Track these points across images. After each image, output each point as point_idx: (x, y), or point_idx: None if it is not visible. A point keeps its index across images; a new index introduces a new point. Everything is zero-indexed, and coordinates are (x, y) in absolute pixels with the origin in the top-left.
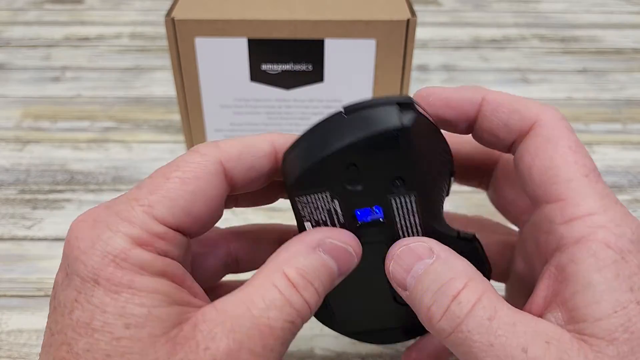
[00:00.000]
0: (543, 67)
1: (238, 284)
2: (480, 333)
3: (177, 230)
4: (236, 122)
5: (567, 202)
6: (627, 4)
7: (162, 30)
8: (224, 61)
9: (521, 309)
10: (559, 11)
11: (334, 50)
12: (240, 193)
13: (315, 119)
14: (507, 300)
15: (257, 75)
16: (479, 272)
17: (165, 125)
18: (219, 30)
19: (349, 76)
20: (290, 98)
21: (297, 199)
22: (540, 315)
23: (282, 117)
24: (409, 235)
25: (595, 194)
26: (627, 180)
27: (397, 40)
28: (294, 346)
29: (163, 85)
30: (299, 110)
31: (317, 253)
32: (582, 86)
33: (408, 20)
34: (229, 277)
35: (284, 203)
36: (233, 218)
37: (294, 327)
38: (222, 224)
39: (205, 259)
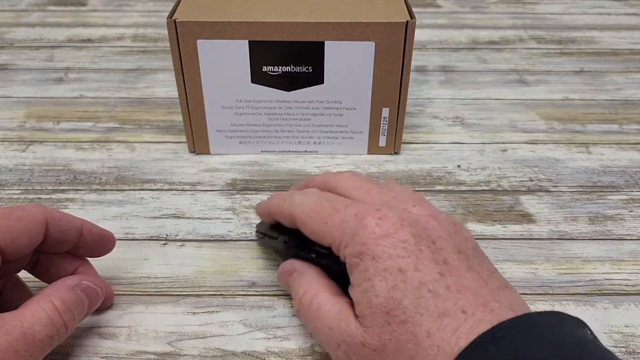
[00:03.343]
0: (540, 68)
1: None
2: (312, 320)
3: (1, 250)
4: (237, 123)
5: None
6: (624, 5)
7: (164, 32)
8: (225, 63)
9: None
10: (556, 13)
11: (333, 52)
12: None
13: (315, 120)
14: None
15: (258, 76)
16: (319, 277)
17: (168, 126)
18: (221, 32)
19: (349, 78)
20: (291, 99)
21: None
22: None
23: (283, 118)
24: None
25: None
26: (623, 180)
27: (396, 42)
28: (294, 344)
29: (165, 86)
30: (299, 112)
31: (75, 290)
32: (579, 87)
33: (407, 23)
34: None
35: None
36: (234, 217)
37: (52, 341)
38: (222, 223)
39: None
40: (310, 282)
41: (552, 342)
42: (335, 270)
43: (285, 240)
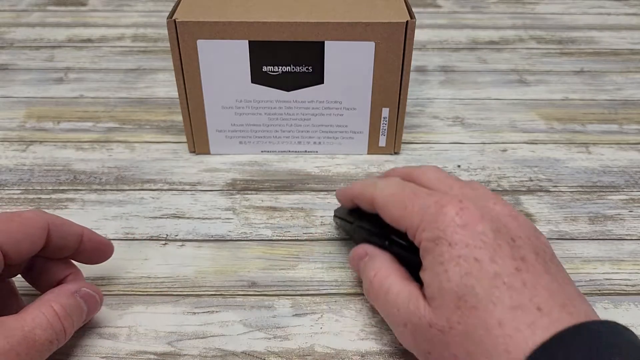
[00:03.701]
0: (540, 68)
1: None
2: (381, 303)
3: (3, 254)
4: (237, 123)
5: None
6: (624, 5)
7: (164, 32)
8: (225, 63)
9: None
10: (556, 13)
11: (334, 52)
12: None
13: (315, 120)
14: None
15: (258, 76)
16: (390, 262)
17: (168, 126)
18: (221, 32)
19: (349, 78)
20: (291, 99)
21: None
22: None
23: (283, 118)
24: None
25: None
26: (623, 180)
27: (396, 42)
28: (294, 344)
29: (165, 86)
30: (299, 112)
31: (75, 297)
32: (578, 87)
33: (407, 23)
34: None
35: (283, 203)
36: (234, 217)
37: (51, 345)
38: (222, 223)
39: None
40: (381, 265)
41: (631, 346)
42: (407, 259)
43: (360, 225)
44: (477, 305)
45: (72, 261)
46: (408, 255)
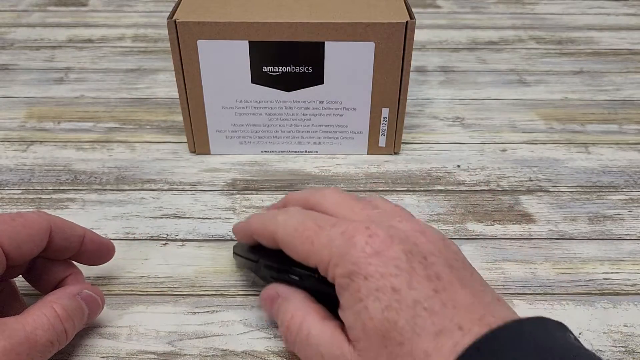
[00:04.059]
0: (540, 68)
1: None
2: (302, 349)
3: (5, 255)
4: (237, 123)
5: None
6: (623, 5)
7: (164, 32)
8: (225, 63)
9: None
10: (555, 13)
11: (333, 52)
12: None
13: (315, 120)
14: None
15: (258, 77)
16: (305, 301)
17: (168, 126)
18: (221, 32)
19: (349, 78)
20: (291, 99)
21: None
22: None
23: (283, 118)
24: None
25: None
26: (623, 180)
27: (395, 43)
28: None
29: (166, 86)
30: (299, 112)
31: (77, 298)
32: (578, 87)
33: (407, 23)
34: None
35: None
36: (234, 217)
37: (52, 347)
38: (222, 222)
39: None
40: (296, 306)
41: (538, 348)
42: (322, 293)
43: (266, 263)
44: (403, 340)
45: (73, 262)
46: (325, 289)
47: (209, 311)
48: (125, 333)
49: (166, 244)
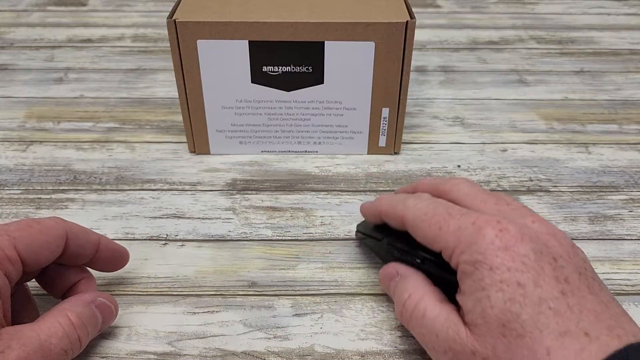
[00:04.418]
0: (540, 68)
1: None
2: (417, 326)
3: (22, 261)
4: (237, 123)
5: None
6: (623, 5)
7: (164, 32)
8: (225, 63)
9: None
10: (555, 13)
11: (334, 52)
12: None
13: (315, 120)
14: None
15: (258, 76)
16: (424, 282)
17: (168, 126)
18: (221, 32)
19: (349, 78)
20: (291, 99)
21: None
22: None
23: (283, 118)
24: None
25: None
26: (623, 180)
27: (396, 42)
28: (294, 344)
29: (165, 86)
30: (299, 112)
31: (91, 306)
32: (578, 87)
33: (407, 23)
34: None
35: (283, 203)
36: (234, 217)
37: (66, 355)
38: (222, 223)
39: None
40: (415, 286)
41: None
42: (441, 278)
43: (389, 242)
44: (524, 333)
45: (85, 267)
46: (443, 274)
47: (209, 311)
48: (125, 333)
49: (166, 244)
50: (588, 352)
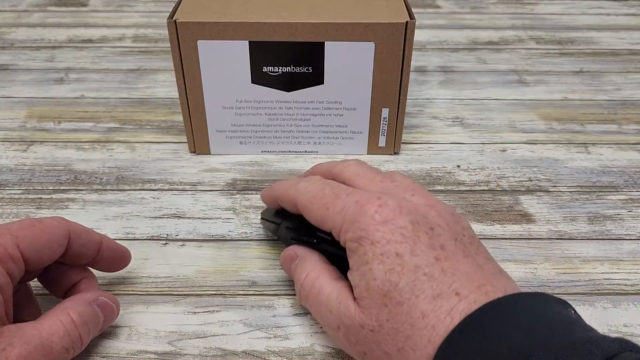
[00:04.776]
0: (539, 68)
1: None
2: (313, 304)
3: (24, 260)
4: (237, 123)
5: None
6: (623, 6)
7: (164, 32)
8: (225, 63)
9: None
10: (555, 13)
11: (334, 52)
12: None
13: (315, 120)
14: None
15: (258, 77)
16: (320, 262)
17: (168, 126)
18: (221, 32)
19: (349, 78)
20: (291, 100)
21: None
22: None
23: (283, 119)
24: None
25: None
26: (622, 180)
27: (395, 43)
28: (294, 343)
29: (166, 86)
30: (299, 112)
31: (92, 305)
32: (578, 87)
33: (407, 23)
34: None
35: None
36: (234, 217)
37: (67, 354)
38: (223, 222)
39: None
40: (312, 266)
41: (540, 319)
42: (336, 255)
43: (287, 226)
44: (402, 300)
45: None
46: (337, 252)
47: (209, 311)
48: (125, 333)
49: (166, 244)
50: (457, 310)
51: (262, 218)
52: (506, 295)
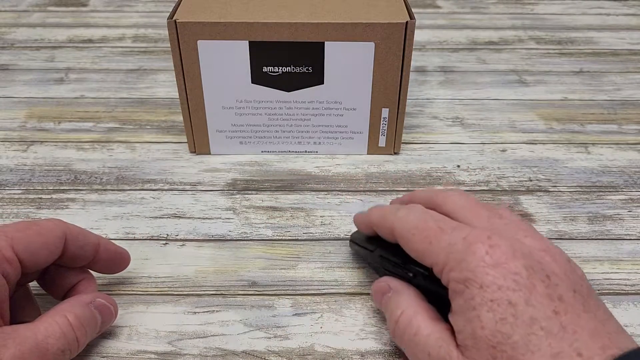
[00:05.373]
0: (539, 68)
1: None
2: (409, 344)
3: (20, 262)
4: (237, 123)
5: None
6: (623, 6)
7: (165, 32)
8: (225, 63)
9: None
10: (555, 13)
11: (334, 52)
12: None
13: (315, 120)
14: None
15: (258, 77)
16: (417, 299)
17: (168, 126)
18: (221, 32)
19: (349, 78)
20: (291, 100)
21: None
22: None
23: (283, 119)
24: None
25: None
26: (622, 180)
27: (395, 43)
28: (294, 343)
29: (166, 86)
30: (299, 112)
31: (90, 307)
32: (578, 87)
33: (407, 23)
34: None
35: (283, 203)
36: (234, 217)
37: (64, 355)
38: (223, 222)
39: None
40: (408, 303)
41: None
42: (434, 293)
43: (382, 254)
44: (514, 355)
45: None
46: (438, 290)
47: (209, 311)
48: (125, 333)
49: (166, 244)
50: None
51: (351, 241)
52: (629, 351)
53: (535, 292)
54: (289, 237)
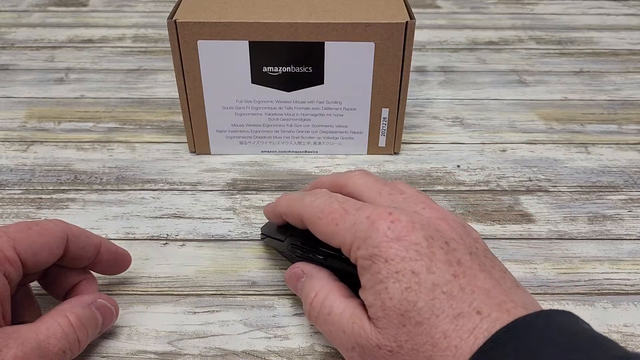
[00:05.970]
0: (539, 68)
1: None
2: (324, 324)
3: (22, 262)
4: (237, 123)
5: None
6: (623, 6)
7: (165, 32)
8: (225, 63)
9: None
10: (555, 13)
11: (333, 52)
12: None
13: (315, 120)
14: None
15: (258, 77)
16: (329, 279)
17: (168, 126)
18: (221, 32)
19: (349, 78)
20: (291, 100)
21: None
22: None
23: (283, 119)
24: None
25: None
26: (622, 180)
27: (395, 43)
28: (294, 343)
29: (166, 86)
30: (299, 112)
31: (91, 308)
32: (578, 87)
33: (407, 23)
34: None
35: None
36: (234, 217)
37: (65, 356)
38: (223, 222)
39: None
40: (320, 284)
41: (570, 337)
42: (345, 272)
43: (292, 242)
44: (421, 320)
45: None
46: (347, 268)
47: (209, 311)
48: (125, 333)
49: (166, 244)
50: (479, 329)
51: (262, 234)
52: (530, 314)
53: (435, 260)
54: None
